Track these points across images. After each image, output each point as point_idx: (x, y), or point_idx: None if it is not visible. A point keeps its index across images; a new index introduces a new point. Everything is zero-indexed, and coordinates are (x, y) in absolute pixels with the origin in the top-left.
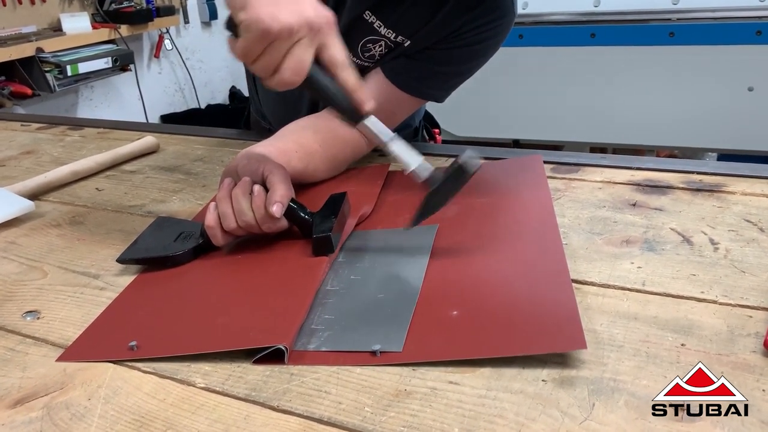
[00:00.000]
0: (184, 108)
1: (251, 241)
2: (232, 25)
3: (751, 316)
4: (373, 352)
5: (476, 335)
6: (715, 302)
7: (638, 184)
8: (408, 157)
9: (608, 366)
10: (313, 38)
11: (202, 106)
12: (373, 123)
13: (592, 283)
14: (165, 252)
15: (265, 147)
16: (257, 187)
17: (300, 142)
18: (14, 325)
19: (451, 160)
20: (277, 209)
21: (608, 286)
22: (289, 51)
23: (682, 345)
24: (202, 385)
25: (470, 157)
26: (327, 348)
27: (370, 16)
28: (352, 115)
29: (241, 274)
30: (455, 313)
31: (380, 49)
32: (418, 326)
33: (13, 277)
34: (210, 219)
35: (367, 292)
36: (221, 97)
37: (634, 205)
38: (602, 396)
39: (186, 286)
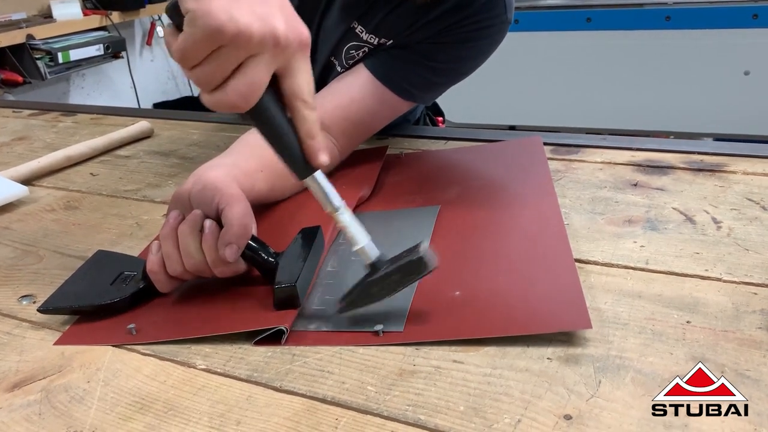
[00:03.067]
0: (176, 96)
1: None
2: (174, 13)
3: (756, 293)
4: (376, 332)
5: (480, 315)
6: (719, 280)
7: (639, 165)
8: (356, 231)
9: (614, 344)
10: (275, 56)
11: (195, 94)
12: (322, 181)
13: (595, 262)
14: (98, 300)
15: (222, 169)
16: (209, 223)
17: (264, 160)
18: (10, 309)
19: (451, 144)
20: (230, 252)
21: (611, 265)
22: (241, 65)
23: (688, 322)
24: (203, 367)
25: (429, 252)
26: (328, 328)
27: (357, 26)
28: (301, 165)
29: None
30: (457, 293)
31: (362, 53)
32: (421, 306)
33: (8, 261)
34: (152, 262)
35: None
36: None
37: (635, 185)
38: (608, 373)
39: None
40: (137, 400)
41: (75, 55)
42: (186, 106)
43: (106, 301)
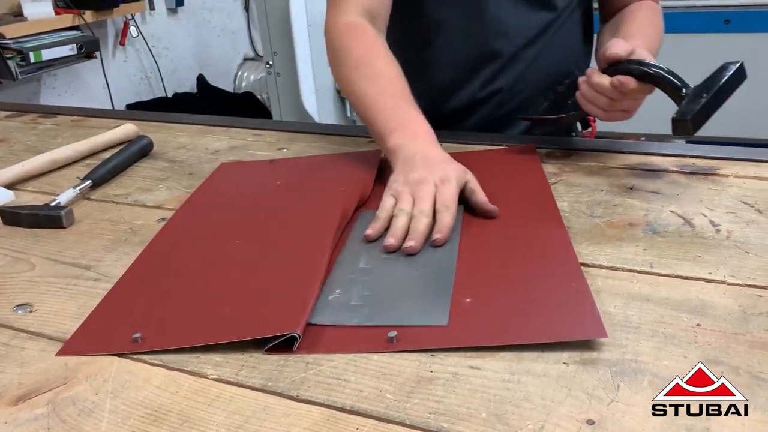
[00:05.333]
0: (150, 97)
1: (248, 226)
2: None
3: (761, 296)
4: (390, 339)
5: (494, 322)
6: (723, 282)
7: (633, 168)
8: None
9: (628, 348)
10: None
11: (169, 95)
12: None
13: (600, 266)
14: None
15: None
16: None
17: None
18: (6, 319)
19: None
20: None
21: (616, 269)
22: None
23: (698, 325)
24: (215, 377)
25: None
26: (371, 323)
27: None
28: None
29: (241, 260)
30: (468, 300)
31: None
32: None
33: None
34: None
35: (403, 269)
36: (188, 86)
37: (631, 188)
38: (626, 377)
39: (186, 275)
40: (150, 412)
41: (47, 54)
42: (160, 106)
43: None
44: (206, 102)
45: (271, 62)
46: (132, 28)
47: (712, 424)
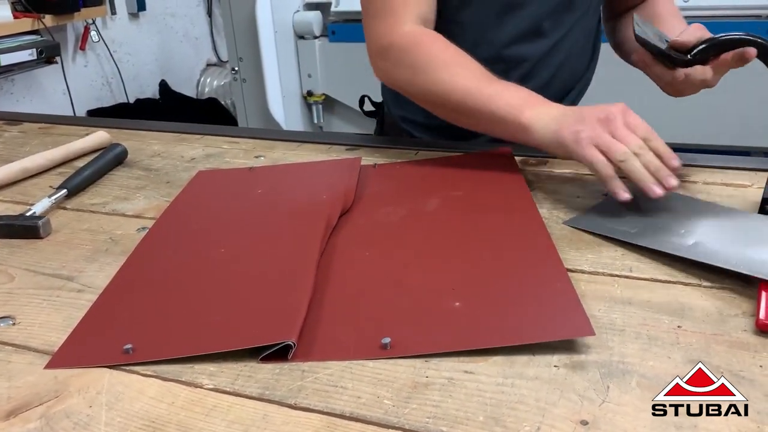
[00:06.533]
0: (112, 103)
1: (232, 235)
2: None
3: (734, 298)
4: (383, 346)
5: (484, 325)
6: (699, 286)
7: None
8: None
9: (614, 349)
10: None
11: (131, 101)
12: None
13: (582, 271)
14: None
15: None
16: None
17: None
18: None
19: (421, 155)
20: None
21: (597, 273)
22: None
23: (679, 327)
24: (211, 386)
25: None
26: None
27: None
28: None
29: (228, 269)
30: (457, 304)
31: None
32: (425, 318)
33: None
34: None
35: None
36: (150, 92)
37: (605, 195)
38: (615, 378)
39: (173, 285)
40: (147, 423)
41: (6, 59)
42: (121, 112)
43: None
44: (169, 108)
45: (236, 68)
46: (93, 33)
47: (699, 422)
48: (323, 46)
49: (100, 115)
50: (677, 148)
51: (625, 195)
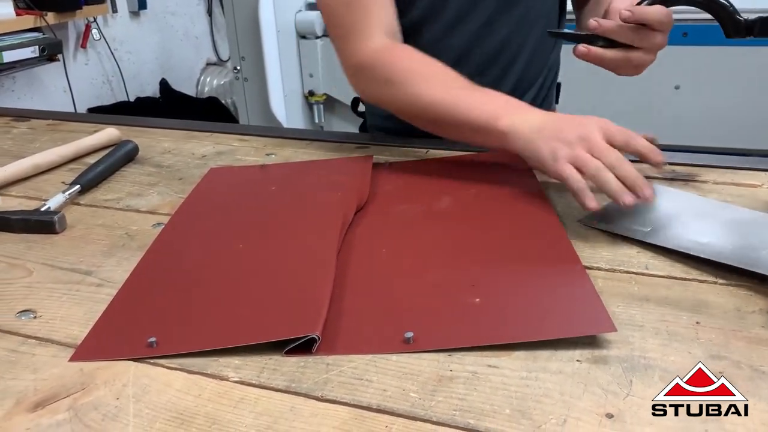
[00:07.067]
0: (112, 101)
1: (249, 230)
2: None
3: (751, 295)
4: (406, 340)
5: (506, 321)
6: (715, 283)
7: None
8: None
9: (635, 345)
10: None
11: (131, 99)
12: None
13: (599, 268)
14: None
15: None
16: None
17: None
18: (10, 326)
19: (432, 154)
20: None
21: (615, 271)
22: None
23: (698, 323)
24: (236, 379)
25: None
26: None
27: None
28: None
29: (247, 264)
30: (477, 300)
31: None
32: (446, 313)
33: None
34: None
35: None
36: (151, 90)
37: None
38: (637, 373)
39: (194, 279)
40: (175, 415)
41: (8, 56)
42: (123, 111)
43: None
44: (169, 106)
45: (238, 67)
46: (94, 31)
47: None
48: (325, 46)
49: (101, 113)
50: (684, 150)
51: (592, 203)
